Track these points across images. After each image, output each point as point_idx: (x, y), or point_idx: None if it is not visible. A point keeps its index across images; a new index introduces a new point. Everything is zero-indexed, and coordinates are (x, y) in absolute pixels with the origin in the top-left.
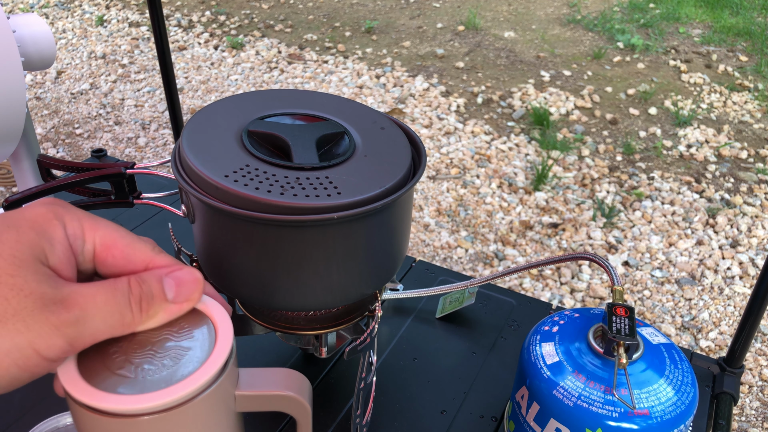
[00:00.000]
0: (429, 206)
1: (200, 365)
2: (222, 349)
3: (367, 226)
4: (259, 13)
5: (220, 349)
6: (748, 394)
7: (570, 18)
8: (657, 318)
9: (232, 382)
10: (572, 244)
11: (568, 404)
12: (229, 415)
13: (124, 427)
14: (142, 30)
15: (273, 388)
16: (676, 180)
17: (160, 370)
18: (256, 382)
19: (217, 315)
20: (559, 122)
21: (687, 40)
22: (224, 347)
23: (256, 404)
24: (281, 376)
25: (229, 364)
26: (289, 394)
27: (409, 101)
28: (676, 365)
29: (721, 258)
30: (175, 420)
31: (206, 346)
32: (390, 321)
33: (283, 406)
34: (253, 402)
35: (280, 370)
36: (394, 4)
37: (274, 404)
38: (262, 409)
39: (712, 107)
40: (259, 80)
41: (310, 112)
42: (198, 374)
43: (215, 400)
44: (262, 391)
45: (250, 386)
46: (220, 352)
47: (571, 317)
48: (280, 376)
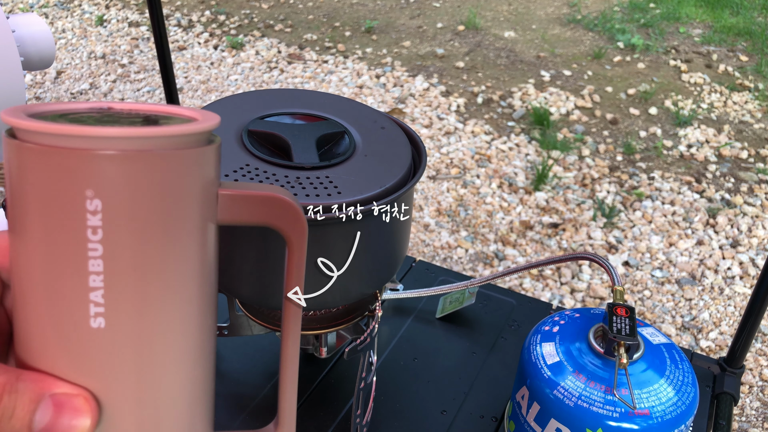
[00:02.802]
0: (429, 206)
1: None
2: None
3: (368, 226)
4: (259, 13)
5: (206, 118)
6: (749, 394)
7: (570, 18)
8: (657, 318)
9: (216, 164)
10: (572, 244)
11: (569, 404)
12: (210, 216)
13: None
14: (142, 30)
15: (260, 190)
16: (676, 180)
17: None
18: (241, 185)
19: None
20: (559, 122)
21: (687, 39)
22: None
23: (241, 210)
24: (269, 185)
25: (215, 141)
26: (280, 197)
27: (409, 101)
28: (676, 365)
29: (721, 258)
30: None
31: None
32: (390, 321)
33: (271, 215)
34: (238, 206)
35: (267, 185)
36: (394, 4)
37: (260, 212)
38: (249, 220)
39: (712, 107)
40: (259, 80)
41: (310, 111)
42: (185, 125)
43: (200, 169)
44: (247, 192)
45: (235, 187)
46: (207, 118)
47: (571, 317)
48: (267, 186)
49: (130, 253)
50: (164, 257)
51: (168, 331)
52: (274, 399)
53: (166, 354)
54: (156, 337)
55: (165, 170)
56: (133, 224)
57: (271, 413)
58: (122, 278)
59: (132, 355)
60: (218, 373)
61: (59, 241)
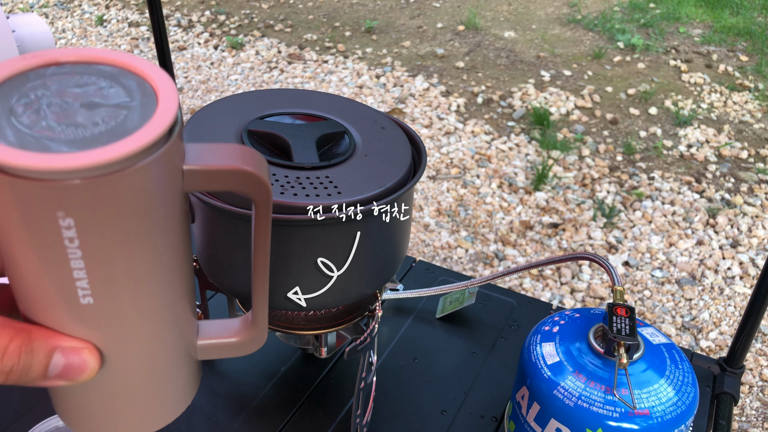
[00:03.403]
0: (429, 206)
1: (144, 124)
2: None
3: (368, 226)
4: (259, 13)
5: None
6: (749, 395)
7: (570, 18)
8: (657, 318)
9: (179, 152)
10: (572, 244)
11: (569, 404)
12: (175, 193)
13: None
14: (142, 30)
15: (225, 162)
16: (676, 180)
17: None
18: (206, 156)
19: (153, 73)
20: (559, 122)
21: (687, 40)
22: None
23: (207, 182)
24: (234, 151)
25: (176, 128)
26: (244, 169)
27: (409, 101)
28: (676, 365)
29: (721, 258)
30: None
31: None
32: (390, 321)
33: (238, 184)
34: (203, 179)
35: (232, 145)
36: (394, 4)
37: (228, 182)
38: (215, 188)
39: (712, 107)
40: (259, 80)
41: (310, 111)
42: (144, 131)
43: (162, 169)
44: (213, 166)
45: (200, 160)
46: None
47: (571, 317)
48: (232, 151)
49: (106, 250)
50: (135, 247)
51: (146, 298)
52: (275, 398)
53: (146, 315)
54: (135, 303)
55: (128, 185)
56: (105, 229)
57: (271, 413)
58: (101, 268)
59: (119, 320)
60: (218, 373)
61: (43, 248)
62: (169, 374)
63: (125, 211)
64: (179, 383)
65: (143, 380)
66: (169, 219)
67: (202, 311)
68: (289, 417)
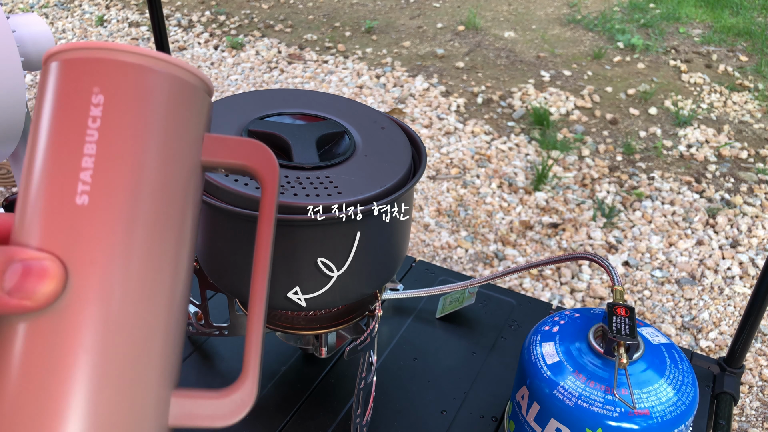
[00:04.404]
0: (429, 206)
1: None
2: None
3: (368, 226)
4: (259, 13)
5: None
6: (748, 394)
7: (570, 18)
8: (657, 318)
9: (208, 110)
10: (572, 244)
11: (569, 404)
12: (194, 144)
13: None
14: (142, 30)
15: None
16: (676, 180)
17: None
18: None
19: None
20: (559, 122)
21: (687, 40)
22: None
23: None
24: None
25: (212, 96)
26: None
27: (409, 101)
28: (676, 365)
29: (721, 258)
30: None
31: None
32: (390, 321)
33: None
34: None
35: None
36: (394, 4)
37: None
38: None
39: (712, 107)
40: (259, 80)
41: (310, 111)
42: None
43: (196, 101)
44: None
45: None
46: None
47: (571, 317)
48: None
49: (121, 145)
50: (149, 156)
51: (144, 223)
52: (275, 398)
53: (139, 241)
54: (132, 224)
55: (162, 87)
56: (127, 121)
57: (271, 413)
58: (110, 164)
59: (108, 235)
60: (218, 373)
61: (65, 122)
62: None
63: (150, 115)
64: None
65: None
66: (183, 168)
67: (203, 311)
68: (289, 417)
